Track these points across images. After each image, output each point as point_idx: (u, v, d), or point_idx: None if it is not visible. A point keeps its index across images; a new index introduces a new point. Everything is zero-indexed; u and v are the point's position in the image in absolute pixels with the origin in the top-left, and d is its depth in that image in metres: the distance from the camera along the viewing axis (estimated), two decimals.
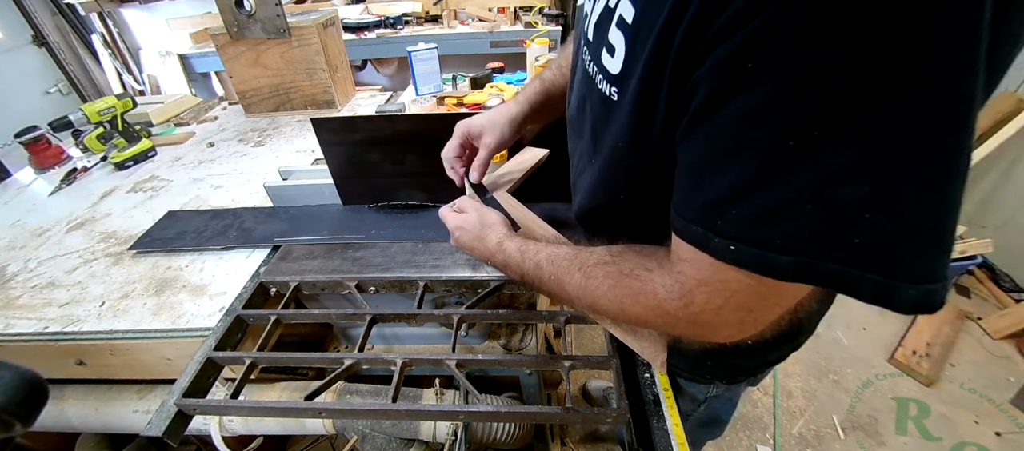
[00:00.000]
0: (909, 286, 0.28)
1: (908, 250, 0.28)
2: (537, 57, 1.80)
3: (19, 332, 0.83)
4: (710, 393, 0.76)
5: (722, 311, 0.34)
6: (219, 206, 1.16)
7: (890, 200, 0.27)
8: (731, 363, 0.68)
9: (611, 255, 0.46)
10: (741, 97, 0.28)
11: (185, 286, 0.89)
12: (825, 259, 0.29)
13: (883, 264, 0.28)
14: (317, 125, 0.93)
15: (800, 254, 0.29)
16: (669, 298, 0.38)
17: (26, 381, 0.64)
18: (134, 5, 3.23)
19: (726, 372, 0.70)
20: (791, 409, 1.79)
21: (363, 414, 0.81)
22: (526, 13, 3.03)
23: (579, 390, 1.74)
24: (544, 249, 0.54)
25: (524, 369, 0.92)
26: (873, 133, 0.26)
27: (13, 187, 1.39)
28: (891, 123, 0.25)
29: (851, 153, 0.27)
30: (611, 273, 0.44)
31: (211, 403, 0.67)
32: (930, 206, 0.27)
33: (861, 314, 2.16)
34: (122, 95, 1.44)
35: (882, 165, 0.26)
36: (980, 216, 2.36)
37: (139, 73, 3.35)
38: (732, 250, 0.31)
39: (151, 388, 0.94)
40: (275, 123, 1.68)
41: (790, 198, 0.29)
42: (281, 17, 1.52)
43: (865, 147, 0.26)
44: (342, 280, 0.84)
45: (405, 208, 1.03)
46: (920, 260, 0.28)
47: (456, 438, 0.89)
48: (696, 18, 0.29)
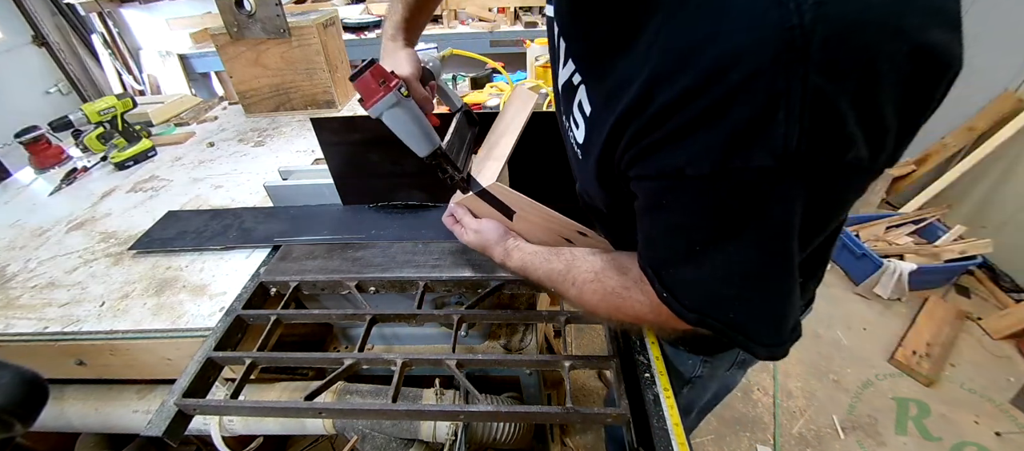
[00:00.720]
0: (759, 347, 0.46)
1: (756, 327, 0.45)
2: (537, 57, 1.80)
3: (19, 332, 0.83)
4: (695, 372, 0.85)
5: (679, 322, 0.48)
6: (219, 206, 1.16)
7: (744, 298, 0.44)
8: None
9: (595, 273, 0.59)
10: (663, 216, 0.44)
11: (185, 286, 0.89)
12: (715, 320, 0.45)
13: (745, 331, 0.45)
14: (317, 125, 0.93)
15: (699, 313, 0.45)
16: (644, 311, 0.53)
17: (26, 381, 0.64)
18: (134, 5, 3.23)
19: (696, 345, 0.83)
20: (791, 409, 1.79)
21: (363, 414, 0.82)
22: (526, 13, 3.03)
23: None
24: (541, 265, 0.66)
25: (524, 369, 0.92)
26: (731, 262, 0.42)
27: (13, 187, 1.39)
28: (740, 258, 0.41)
29: (722, 268, 0.42)
30: (598, 291, 0.58)
31: (211, 403, 0.67)
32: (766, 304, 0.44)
33: (861, 314, 2.16)
34: (122, 95, 1.44)
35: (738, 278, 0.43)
36: (980, 216, 2.36)
37: (139, 73, 3.35)
38: (665, 297, 0.47)
39: (151, 388, 0.94)
40: (275, 123, 1.68)
41: (695, 279, 0.45)
42: (281, 17, 1.52)
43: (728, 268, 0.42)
44: (342, 280, 0.84)
45: (405, 208, 1.03)
46: (765, 333, 0.45)
47: (456, 438, 0.89)
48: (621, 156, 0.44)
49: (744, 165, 0.34)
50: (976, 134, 2.36)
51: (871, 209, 2.64)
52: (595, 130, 0.46)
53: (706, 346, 0.81)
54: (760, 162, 0.34)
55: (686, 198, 0.40)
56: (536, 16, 2.98)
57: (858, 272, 2.28)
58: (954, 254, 2.17)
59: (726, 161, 0.35)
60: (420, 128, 0.66)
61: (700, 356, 0.82)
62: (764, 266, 0.42)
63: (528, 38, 2.68)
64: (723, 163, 0.35)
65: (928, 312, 2.09)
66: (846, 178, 0.37)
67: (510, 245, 0.70)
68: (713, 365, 0.83)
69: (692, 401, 0.96)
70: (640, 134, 0.39)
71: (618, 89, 0.41)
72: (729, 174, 0.35)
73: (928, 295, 2.19)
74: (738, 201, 0.37)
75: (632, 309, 0.54)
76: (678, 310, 0.46)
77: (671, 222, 0.44)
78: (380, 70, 0.64)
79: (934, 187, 2.42)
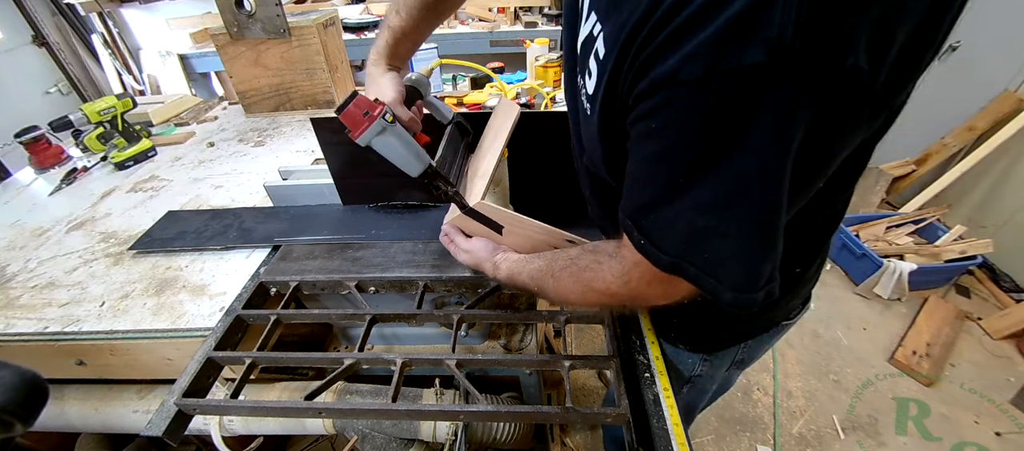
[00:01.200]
0: (727, 291, 0.43)
1: (731, 267, 0.42)
2: (537, 57, 1.80)
3: (19, 332, 0.83)
4: (695, 371, 0.85)
5: (651, 285, 0.48)
6: (219, 206, 1.16)
7: (722, 233, 0.41)
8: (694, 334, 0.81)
9: (571, 258, 0.59)
10: (651, 143, 0.42)
11: (185, 286, 0.89)
12: (688, 263, 0.43)
13: (717, 273, 0.43)
14: (317, 125, 0.93)
15: (675, 256, 0.43)
16: (615, 280, 0.52)
17: (26, 381, 0.64)
18: (134, 5, 3.23)
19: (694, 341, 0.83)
20: (791, 409, 1.79)
21: (363, 414, 0.82)
22: (526, 13, 3.03)
23: None
24: (525, 268, 0.67)
25: (524, 369, 0.92)
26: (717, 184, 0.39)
27: (13, 187, 1.39)
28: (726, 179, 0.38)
29: (707, 194, 0.40)
30: (572, 273, 0.58)
31: (211, 403, 0.67)
32: (745, 240, 0.41)
33: (861, 314, 2.16)
34: (122, 95, 1.44)
35: (721, 206, 0.40)
36: (980, 216, 2.36)
37: (139, 73, 3.35)
38: (643, 244, 0.45)
39: (151, 388, 0.94)
40: (275, 123, 1.68)
41: (675, 216, 0.42)
42: (281, 17, 1.52)
43: (713, 192, 0.39)
44: (342, 280, 0.84)
45: (405, 208, 1.03)
46: (736, 276, 0.42)
47: (456, 438, 0.89)
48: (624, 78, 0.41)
49: (737, 63, 0.32)
50: (976, 134, 2.36)
51: (871, 209, 2.64)
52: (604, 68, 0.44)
53: (706, 343, 0.80)
54: (753, 59, 0.32)
55: (676, 111, 0.38)
56: (536, 16, 2.98)
57: (858, 272, 2.29)
58: (954, 254, 2.17)
59: (718, 61, 0.33)
60: (409, 150, 0.68)
61: (700, 355, 0.82)
62: (749, 191, 0.38)
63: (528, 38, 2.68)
64: (715, 63, 0.33)
65: (928, 312, 2.09)
66: (845, 92, 0.34)
67: (498, 259, 0.72)
68: (713, 364, 0.83)
69: (692, 401, 0.96)
70: (642, 46, 0.38)
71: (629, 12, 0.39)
72: (720, 75, 0.33)
73: (928, 295, 2.19)
74: (728, 105, 0.35)
75: (603, 281, 0.53)
76: (655, 256, 0.45)
77: (657, 149, 0.41)
78: (363, 101, 0.66)
79: (934, 187, 2.42)
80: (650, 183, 0.44)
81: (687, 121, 0.37)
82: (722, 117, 0.36)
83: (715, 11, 0.32)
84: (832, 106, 0.35)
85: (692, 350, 0.82)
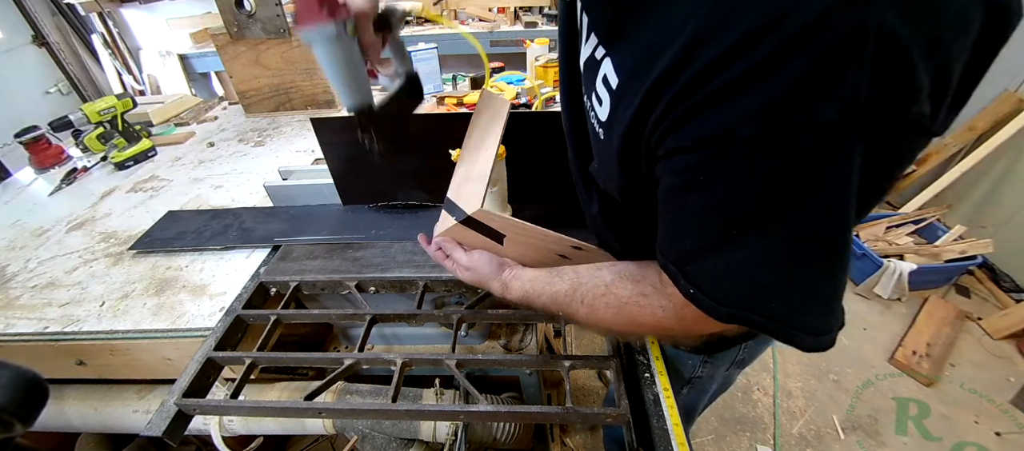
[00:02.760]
0: (807, 337, 0.42)
1: (805, 317, 0.41)
2: (537, 57, 1.80)
3: (19, 332, 0.83)
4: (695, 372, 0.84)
5: (706, 322, 0.45)
6: (219, 206, 1.16)
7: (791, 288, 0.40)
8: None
9: (606, 285, 0.55)
10: (695, 196, 0.39)
11: (185, 286, 0.89)
12: (753, 313, 0.41)
13: (789, 322, 0.41)
14: (317, 125, 0.93)
15: (733, 307, 0.42)
16: (666, 317, 0.49)
17: (26, 381, 0.64)
18: (134, 5, 3.23)
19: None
20: (791, 409, 1.79)
21: (363, 414, 0.82)
22: (526, 13, 3.02)
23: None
24: (544, 290, 0.62)
25: (524, 369, 0.92)
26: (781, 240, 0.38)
27: (13, 187, 1.39)
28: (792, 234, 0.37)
29: (770, 249, 0.38)
30: (611, 304, 0.54)
31: (211, 403, 0.67)
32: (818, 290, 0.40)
33: (861, 314, 2.16)
34: (122, 95, 1.44)
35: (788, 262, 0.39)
36: (980, 216, 2.36)
37: (139, 73, 3.35)
38: (692, 293, 0.43)
39: (151, 388, 0.94)
40: (275, 123, 1.68)
41: (730, 269, 0.41)
42: (281, 17, 1.52)
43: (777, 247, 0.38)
44: (342, 280, 0.84)
45: (405, 208, 1.03)
46: (813, 322, 0.41)
47: (456, 438, 0.89)
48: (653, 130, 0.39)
49: (807, 121, 0.31)
50: (976, 134, 2.36)
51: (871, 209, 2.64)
52: (623, 102, 0.43)
53: (707, 346, 0.80)
54: (824, 116, 0.31)
55: (728, 168, 0.36)
56: (536, 16, 2.98)
57: (858, 272, 2.28)
58: (954, 254, 2.17)
59: (785, 118, 0.31)
60: (354, 76, 0.58)
61: (700, 356, 0.82)
62: (816, 242, 0.37)
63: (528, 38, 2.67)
64: (781, 121, 0.32)
65: (928, 312, 2.09)
66: (905, 136, 0.34)
67: (507, 277, 0.66)
68: (713, 365, 0.83)
69: (692, 401, 0.96)
70: (677, 99, 0.36)
71: (651, 54, 0.38)
72: (784, 133, 0.32)
73: (928, 295, 2.19)
74: (792, 164, 0.34)
75: (653, 317, 0.50)
76: (708, 306, 0.42)
77: (705, 202, 0.39)
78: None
79: (934, 187, 2.42)
80: (698, 233, 0.42)
81: (743, 176, 0.36)
82: (785, 172, 0.35)
83: (775, 69, 0.31)
84: (894, 149, 0.35)
85: (692, 351, 0.82)
